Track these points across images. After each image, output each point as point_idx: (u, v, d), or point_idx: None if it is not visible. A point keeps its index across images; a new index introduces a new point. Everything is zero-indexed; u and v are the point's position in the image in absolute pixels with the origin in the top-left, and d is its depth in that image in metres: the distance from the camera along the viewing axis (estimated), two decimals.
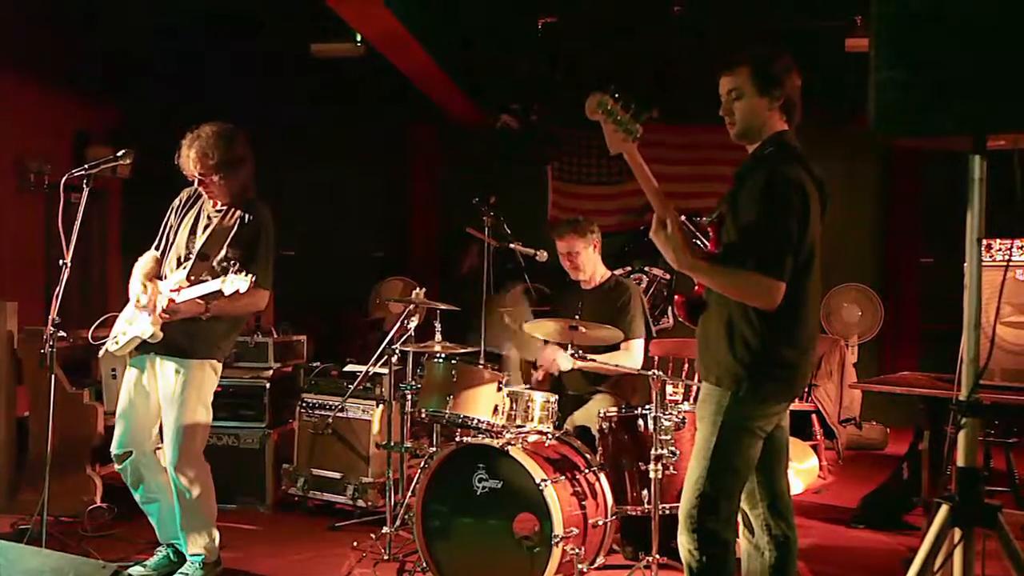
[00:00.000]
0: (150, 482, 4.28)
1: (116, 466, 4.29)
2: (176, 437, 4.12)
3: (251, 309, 4.29)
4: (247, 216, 4.19)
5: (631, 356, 4.90)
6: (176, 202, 4.41)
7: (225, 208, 4.25)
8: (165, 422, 4.18)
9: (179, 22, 7.62)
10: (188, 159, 4.14)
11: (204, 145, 4.10)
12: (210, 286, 3.95)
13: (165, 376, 4.17)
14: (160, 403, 4.20)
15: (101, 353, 4.39)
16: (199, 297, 4.00)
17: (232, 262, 4.01)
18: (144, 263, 4.31)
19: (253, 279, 3.88)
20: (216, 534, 4.29)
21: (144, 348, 4.18)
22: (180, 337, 4.12)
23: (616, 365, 4.66)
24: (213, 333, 4.20)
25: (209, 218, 4.26)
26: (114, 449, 4.26)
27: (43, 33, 7.73)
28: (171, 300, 3.99)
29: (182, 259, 4.19)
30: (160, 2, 7.31)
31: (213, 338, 4.21)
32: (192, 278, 4.06)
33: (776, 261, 2.86)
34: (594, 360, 4.57)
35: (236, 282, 3.86)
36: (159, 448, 4.29)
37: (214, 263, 4.12)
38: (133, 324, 4.15)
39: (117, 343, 4.20)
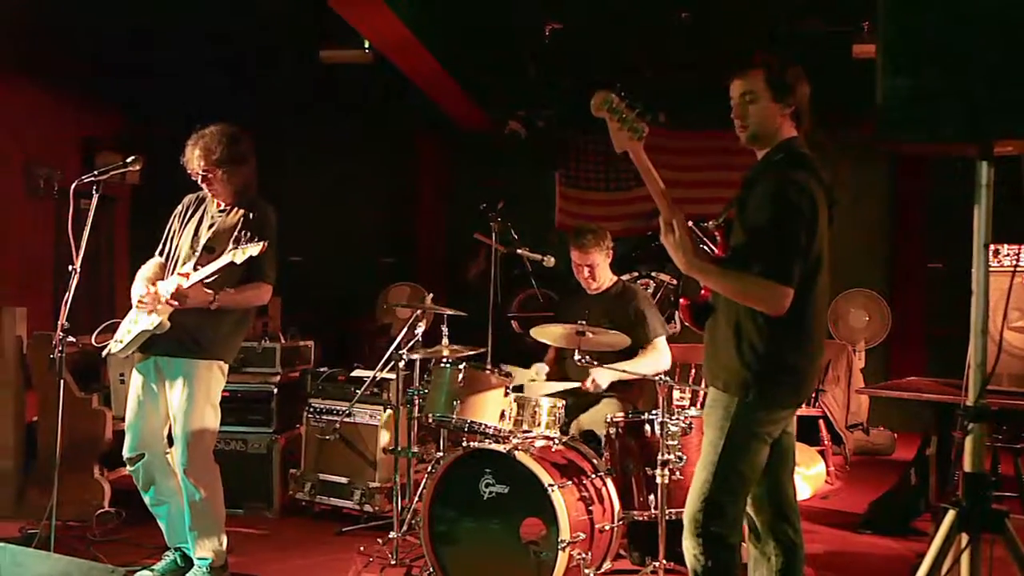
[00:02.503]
0: (161, 484, 4.30)
1: (128, 468, 4.31)
2: (185, 439, 4.14)
3: (255, 302, 4.31)
4: (251, 213, 4.24)
5: (660, 354, 4.92)
6: (179, 208, 4.45)
7: (228, 207, 4.30)
8: (174, 424, 4.20)
9: (187, 28, 7.64)
10: (193, 156, 4.22)
11: (208, 142, 4.19)
12: (220, 261, 3.99)
13: (172, 378, 4.19)
14: (168, 405, 4.22)
15: (104, 353, 4.40)
16: (208, 286, 4.03)
17: (244, 233, 4.06)
18: (148, 269, 4.34)
19: (264, 244, 3.96)
20: (224, 539, 4.30)
21: (150, 349, 4.20)
22: (186, 337, 4.14)
23: (651, 371, 4.66)
24: (219, 332, 4.22)
25: (213, 218, 4.31)
26: (126, 452, 4.28)
27: (52, 39, 7.76)
28: (179, 285, 4.00)
29: (187, 256, 4.22)
30: (168, 9, 7.33)
31: (219, 337, 4.23)
32: (198, 267, 4.08)
33: (785, 267, 2.86)
34: (625, 370, 4.59)
35: (248, 250, 3.93)
36: (168, 452, 4.31)
37: (220, 255, 4.12)
38: (138, 323, 4.18)
39: (121, 342, 4.22)
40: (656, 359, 4.90)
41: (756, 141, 3.07)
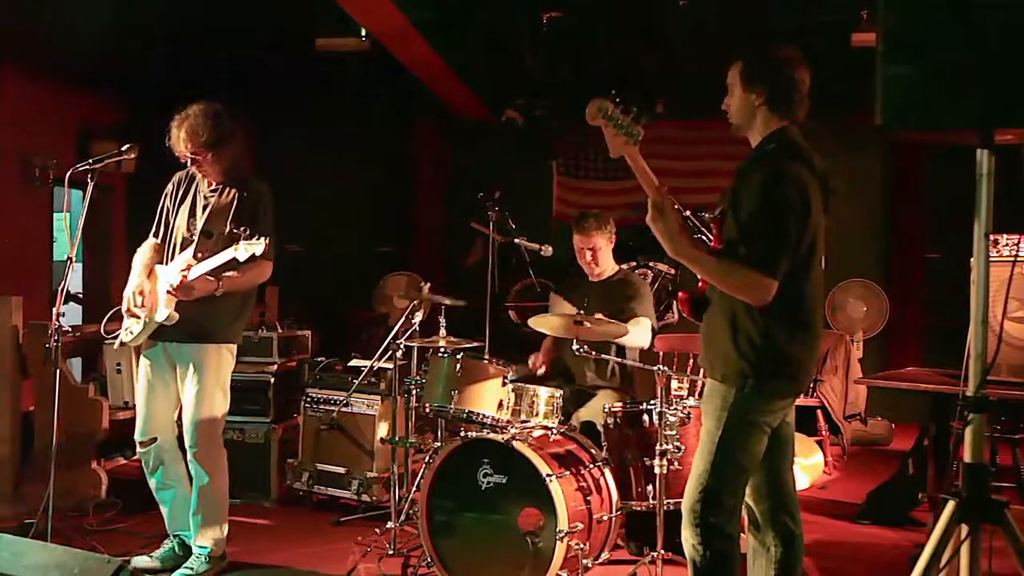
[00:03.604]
0: (169, 468, 4.31)
1: (139, 451, 4.31)
2: (194, 423, 4.15)
3: (258, 281, 4.31)
4: (244, 192, 4.23)
5: (640, 329, 4.87)
6: (169, 187, 4.43)
7: (220, 186, 4.28)
8: (184, 408, 4.21)
9: (183, 16, 7.61)
10: (179, 139, 4.18)
11: (194, 123, 4.15)
12: (223, 256, 3.98)
13: (183, 364, 4.20)
14: (178, 390, 4.23)
15: (116, 345, 4.39)
16: (210, 273, 4.02)
17: (243, 228, 4.04)
18: (144, 253, 4.33)
19: (267, 240, 3.95)
20: (226, 528, 4.31)
21: (159, 336, 4.20)
22: (192, 324, 4.14)
23: (628, 340, 4.67)
24: (225, 315, 4.23)
25: (206, 198, 4.29)
26: (138, 436, 4.29)
27: (47, 28, 7.72)
28: (183, 278, 3.99)
29: (185, 241, 4.21)
30: None
31: (226, 320, 4.24)
32: (199, 256, 4.07)
33: (770, 258, 2.85)
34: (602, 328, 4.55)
35: (251, 247, 3.93)
36: (178, 436, 4.32)
37: (218, 239, 4.13)
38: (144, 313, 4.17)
39: (132, 333, 4.22)
40: (634, 330, 4.80)
41: (739, 130, 3.12)
